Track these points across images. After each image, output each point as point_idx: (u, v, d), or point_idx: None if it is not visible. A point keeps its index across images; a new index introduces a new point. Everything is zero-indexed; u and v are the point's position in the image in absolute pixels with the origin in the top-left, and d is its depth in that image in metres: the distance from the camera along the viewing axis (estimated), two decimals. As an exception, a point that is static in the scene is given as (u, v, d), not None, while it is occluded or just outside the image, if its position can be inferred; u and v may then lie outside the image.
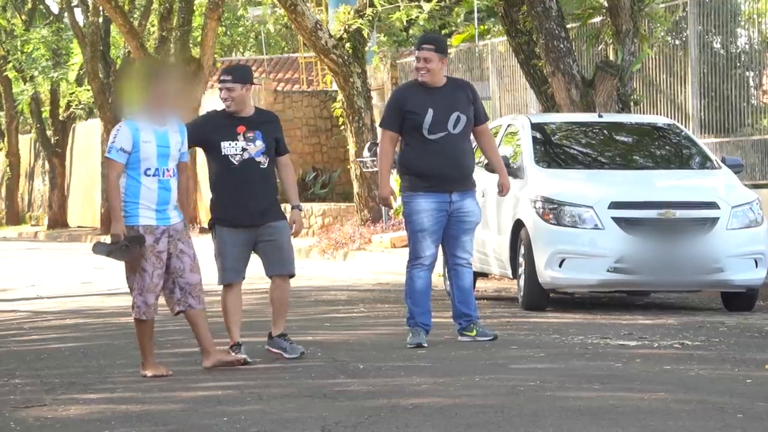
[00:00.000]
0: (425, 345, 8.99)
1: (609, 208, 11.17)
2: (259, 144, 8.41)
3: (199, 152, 8.92)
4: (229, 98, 8.43)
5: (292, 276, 8.61)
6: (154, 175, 7.87)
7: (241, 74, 8.48)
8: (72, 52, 39.67)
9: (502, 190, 9.43)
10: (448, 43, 9.73)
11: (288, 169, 8.64)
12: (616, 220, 11.12)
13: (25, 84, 39.57)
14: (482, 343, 9.11)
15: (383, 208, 21.24)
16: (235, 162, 8.44)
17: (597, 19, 16.46)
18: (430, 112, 9.08)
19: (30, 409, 6.97)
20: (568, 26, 15.78)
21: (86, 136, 34.57)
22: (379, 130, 10.69)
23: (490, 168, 12.25)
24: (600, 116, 13.07)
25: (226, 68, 8.71)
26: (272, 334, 8.60)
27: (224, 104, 8.50)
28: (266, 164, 8.46)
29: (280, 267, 8.51)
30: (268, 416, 6.47)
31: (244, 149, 8.41)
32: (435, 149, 9.08)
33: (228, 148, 8.44)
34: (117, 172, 7.80)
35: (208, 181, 8.74)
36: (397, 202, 14.54)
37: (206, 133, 8.48)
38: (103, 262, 8.74)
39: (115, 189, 7.81)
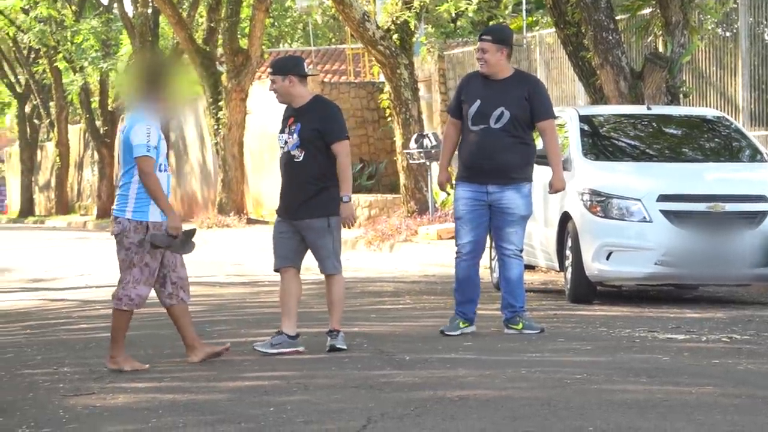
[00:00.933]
0: (448, 334, 9.09)
1: (657, 200, 11.10)
2: (295, 137, 8.38)
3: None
4: (273, 90, 8.47)
5: (333, 274, 8.49)
6: (164, 171, 7.99)
7: (281, 66, 8.46)
8: (121, 43, 39.89)
9: (551, 188, 9.37)
10: (512, 33, 9.62)
11: (340, 158, 8.33)
12: (665, 213, 11.05)
13: (74, 74, 39.87)
14: (529, 335, 9.09)
15: (429, 200, 21.23)
16: (281, 154, 8.48)
17: (646, 11, 16.34)
18: (477, 102, 9.14)
19: (78, 398, 7.03)
20: (618, 18, 15.68)
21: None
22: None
23: (538, 161, 12.24)
24: (649, 108, 12.99)
25: (271, 61, 8.73)
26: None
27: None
28: (301, 158, 8.35)
29: (320, 267, 8.52)
30: (313, 407, 6.48)
31: (286, 142, 8.43)
32: (474, 140, 9.17)
33: (280, 140, 8.50)
34: (152, 169, 7.87)
35: None
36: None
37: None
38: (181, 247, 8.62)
39: (159, 184, 7.86)
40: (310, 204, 8.36)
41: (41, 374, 7.98)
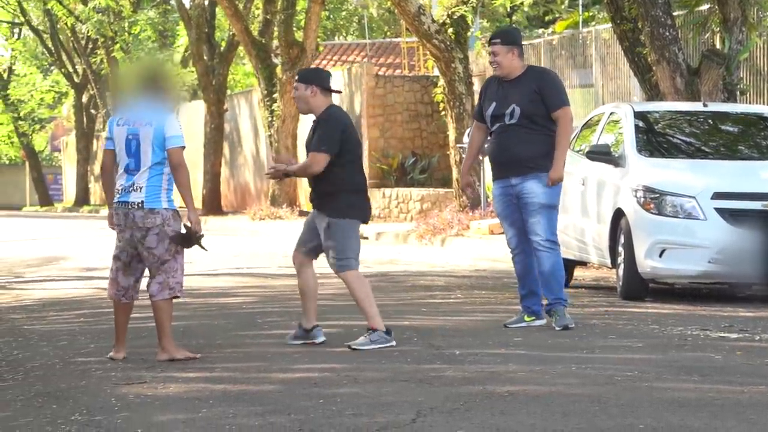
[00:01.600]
0: (510, 326, 9.26)
1: (712, 198, 11.01)
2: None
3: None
4: (294, 97, 8.74)
5: (341, 273, 8.54)
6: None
7: (307, 75, 8.65)
8: (178, 34, 40.15)
9: (548, 179, 9.29)
10: (520, 33, 9.81)
11: (313, 167, 8.46)
12: (719, 210, 10.97)
13: (131, 64, 40.13)
14: (579, 331, 9.06)
15: (482, 194, 21.19)
16: None
17: (704, 7, 16.22)
18: (493, 105, 9.43)
19: (130, 386, 7.09)
20: (675, 14, 15.57)
21: (190, 117, 34.99)
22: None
23: (591, 156, 12.20)
24: (705, 105, 12.88)
25: (300, 70, 8.97)
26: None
27: None
28: None
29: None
30: (363, 399, 6.50)
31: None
32: (494, 139, 9.47)
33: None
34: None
35: None
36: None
37: None
38: (205, 244, 8.86)
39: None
40: (324, 200, 8.55)
41: (94, 362, 8.05)
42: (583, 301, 11.30)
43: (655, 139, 12.21)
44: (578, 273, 13.75)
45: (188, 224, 8.12)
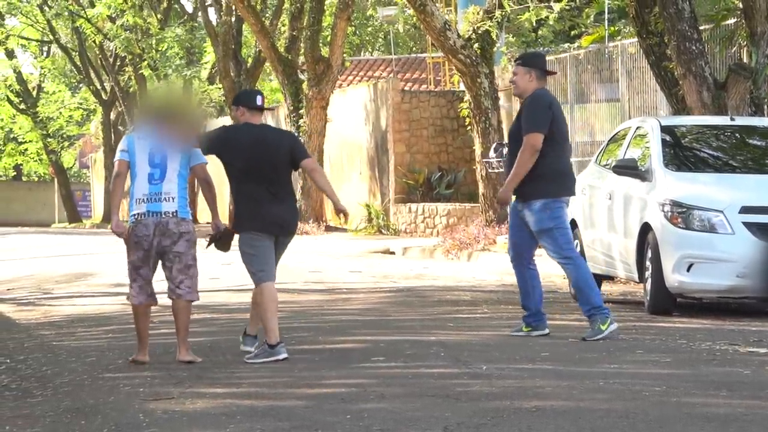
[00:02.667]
0: (514, 334, 9.68)
1: (740, 212, 10.97)
2: None
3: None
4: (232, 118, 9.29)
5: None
6: None
7: (236, 96, 9.06)
8: (204, 51, 40.29)
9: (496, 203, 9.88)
10: (544, 59, 10.03)
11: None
12: (747, 225, 10.92)
13: (158, 81, 40.33)
14: (607, 346, 9.03)
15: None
16: None
17: (731, 21, 16.18)
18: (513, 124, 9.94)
19: (158, 402, 7.11)
20: (701, 28, 15.53)
21: (217, 133, 35.10)
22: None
23: (617, 170, 12.17)
24: (732, 119, 12.84)
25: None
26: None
27: None
28: None
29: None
30: (390, 415, 6.50)
31: None
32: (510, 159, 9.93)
33: None
34: None
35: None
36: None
37: None
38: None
39: None
40: None
41: (122, 378, 8.08)
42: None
43: (682, 153, 12.18)
44: (606, 288, 13.71)
45: (219, 227, 8.74)
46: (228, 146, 8.65)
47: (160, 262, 8.60)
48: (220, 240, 8.82)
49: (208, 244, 8.87)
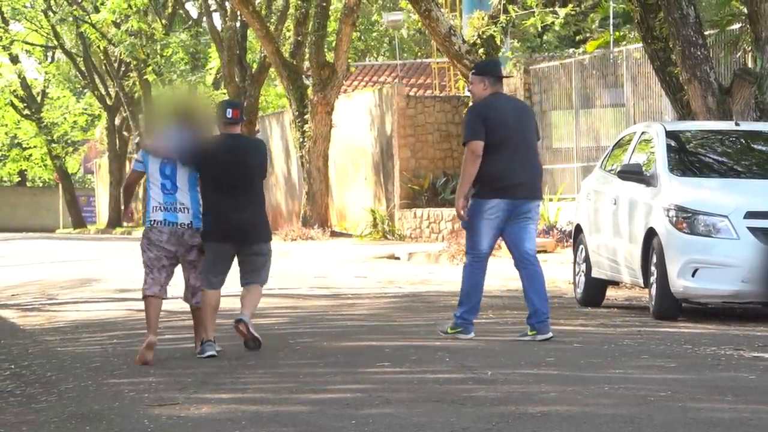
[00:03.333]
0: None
1: (745, 217, 10.96)
2: None
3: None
4: None
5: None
6: None
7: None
8: (209, 56, 40.34)
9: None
10: (497, 65, 10.20)
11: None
12: (752, 230, 10.92)
13: (163, 87, 40.37)
14: (612, 351, 9.03)
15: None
16: None
17: (736, 26, 16.17)
18: None
19: (163, 407, 7.11)
20: (706, 33, 15.53)
21: (221, 139, 35.14)
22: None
23: (622, 176, 12.17)
24: (737, 124, 12.83)
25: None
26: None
27: None
28: None
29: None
30: (395, 420, 6.49)
31: None
32: None
33: None
34: None
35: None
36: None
37: None
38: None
39: None
40: None
41: (127, 383, 8.08)
42: (616, 321, 11.26)
43: (687, 158, 12.18)
44: (611, 293, 13.70)
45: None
46: (204, 157, 9.00)
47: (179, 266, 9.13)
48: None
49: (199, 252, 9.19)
